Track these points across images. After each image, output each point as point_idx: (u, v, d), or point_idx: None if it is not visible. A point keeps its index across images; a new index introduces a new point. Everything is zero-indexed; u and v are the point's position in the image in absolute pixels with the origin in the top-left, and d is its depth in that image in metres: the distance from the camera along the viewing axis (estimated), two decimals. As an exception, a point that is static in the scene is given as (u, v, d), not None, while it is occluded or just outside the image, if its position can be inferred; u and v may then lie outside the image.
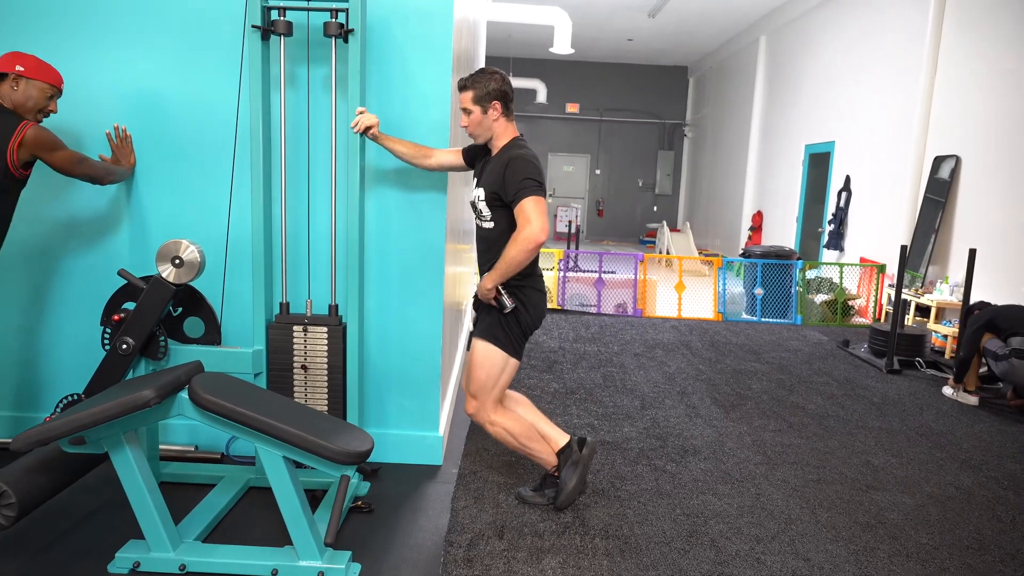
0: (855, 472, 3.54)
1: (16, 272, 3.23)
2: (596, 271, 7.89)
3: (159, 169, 3.17)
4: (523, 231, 2.64)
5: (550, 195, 17.30)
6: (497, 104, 2.75)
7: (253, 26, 2.81)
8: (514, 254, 2.65)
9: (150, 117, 3.13)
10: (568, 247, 10.85)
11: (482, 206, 2.80)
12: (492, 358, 2.82)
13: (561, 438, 3.01)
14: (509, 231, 2.72)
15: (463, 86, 2.76)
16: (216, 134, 3.12)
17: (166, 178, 3.17)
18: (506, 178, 2.68)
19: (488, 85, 2.73)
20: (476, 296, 2.88)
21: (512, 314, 2.79)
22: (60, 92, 2.86)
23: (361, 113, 2.89)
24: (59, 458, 2.46)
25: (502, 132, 2.80)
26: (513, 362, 2.86)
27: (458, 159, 3.00)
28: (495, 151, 2.82)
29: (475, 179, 2.90)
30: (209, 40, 3.06)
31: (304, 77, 3.06)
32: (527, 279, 2.80)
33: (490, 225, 2.82)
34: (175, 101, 3.12)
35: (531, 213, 2.63)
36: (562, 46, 10.49)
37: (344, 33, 2.84)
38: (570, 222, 11.94)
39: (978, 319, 4.81)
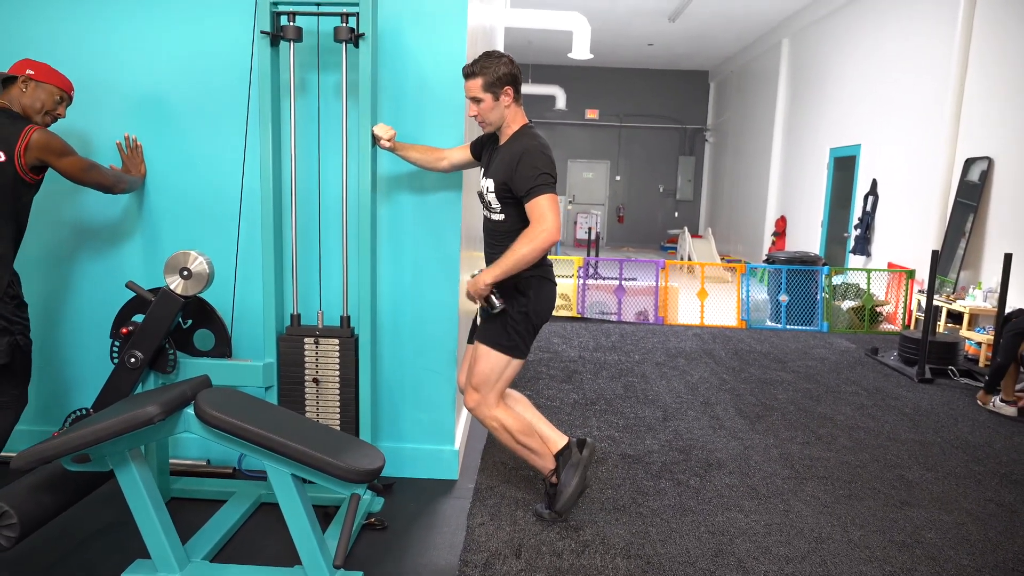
0: (888, 487, 3.39)
1: (29, 283, 3.19)
2: (617, 278, 7.77)
3: (170, 180, 3.12)
4: (536, 229, 2.55)
5: (570, 202, 17.21)
6: (509, 89, 2.64)
7: (262, 32, 2.75)
8: (526, 252, 2.56)
9: (159, 128, 3.08)
10: (588, 254, 10.73)
11: (491, 198, 2.70)
12: (498, 352, 2.74)
13: (560, 439, 2.91)
14: (520, 223, 2.63)
15: (470, 72, 2.62)
16: (226, 143, 3.06)
17: (176, 189, 3.12)
18: (518, 171, 2.58)
19: (498, 70, 2.60)
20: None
21: (521, 310, 2.69)
22: (70, 98, 2.84)
23: (377, 127, 2.85)
24: (63, 476, 2.40)
25: (512, 119, 2.70)
26: (518, 360, 2.78)
27: (467, 155, 2.91)
28: (504, 139, 2.72)
29: (482, 169, 2.80)
30: (218, 47, 3.01)
31: (315, 83, 3.00)
32: (538, 268, 2.70)
33: (500, 217, 2.73)
34: (184, 111, 3.07)
35: (546, 211, 2.55)
36: (581, 52, 10.40)
37: (355, 38, 2.78)
38: (590, 229, 11.82)
39: (1016, 326, 4.63)
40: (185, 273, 2.74)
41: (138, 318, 2.81)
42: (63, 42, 3.04)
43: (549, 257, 2.82)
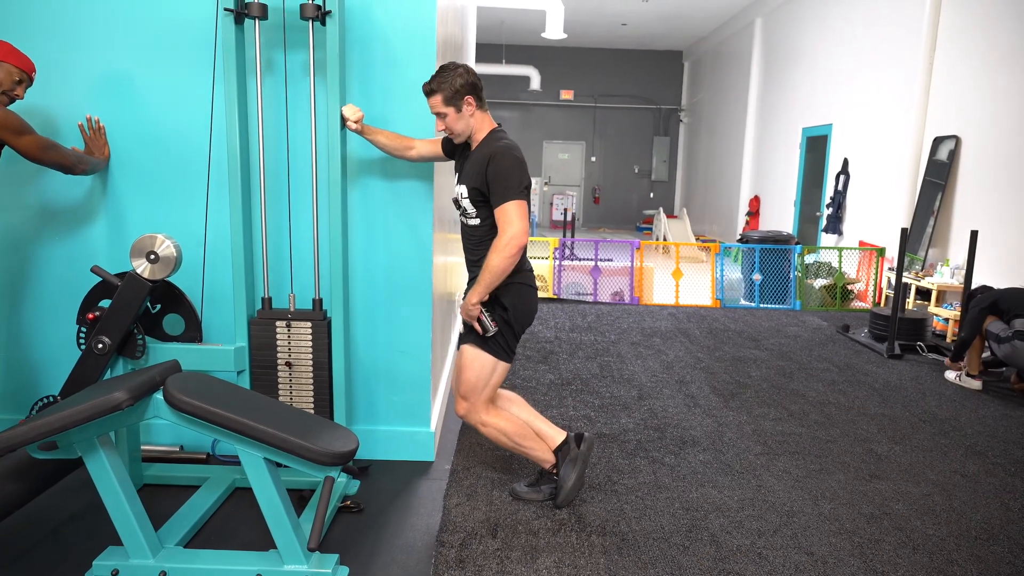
0: (858, 461, 3.45)
1: (-10, 270, 3.13)
2: (592, 259, 7.79)
3: (135, 161, 3.05)
4: (504, 236, 2.55)
5: (545, 183, 17.19)
6: (470, 99, 2.62)
7: (226, 9, 2.69)
8: (497, 262, 2.56)
9: (123, 107, 3.01)
10: (564, 235, 10.75)
11: (466, 204, 2.70)
12: (482, 359, 2.72)
13: (557, 435, 2.92)
14: (496, 226, 2.64)
15: (429, 90, 2.62)
16: (192, 123, 3.00)
17: (142, 170, 3.06)
18: (490, 176, 2.57)
19: (455, 82, 2.59)
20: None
21: (501, 316, 2.69)
22: (30, 79, 2.75)
23: (346, 108, 2.81)
24: (31, 464, 2.36)
25: (480, 125, 2.69)
26: (504, 364, 2.77)
27: (437, 149, 2.89)
28: (475, 144, 2.71)
29: (456, 174, 2.79)
30: (182, 25, 2.94)
31: (281, 62, 2.94)
32: (517, 275, 2.68)
33: (476, 222, 2.72)
34: (149, 90, 3.00)
35: (513, 218, 2.55)
36: (555, 31, 10.35)
37: (322, 15, 2.72)
38: (566, 210, 11.81)
39: (981, 301, 4.72)
40: (152, 257, 2.69)
41: (105, 303, 2.76)
42: (16, 17, 2.95)
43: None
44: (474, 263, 2.77)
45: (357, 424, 3.24)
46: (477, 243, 2.74)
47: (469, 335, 2.75)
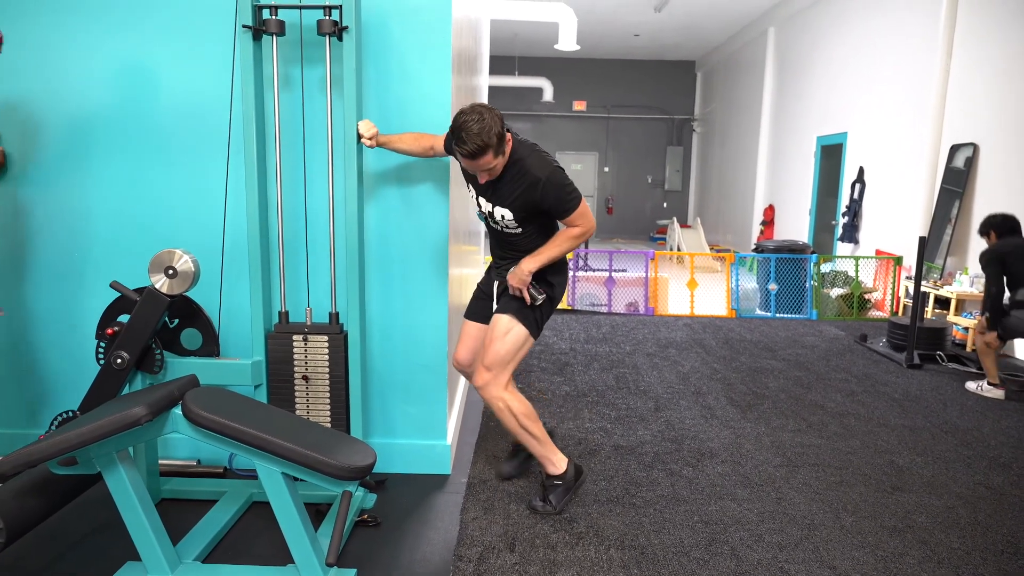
0: (879, 473, 3.40)
1: (8, 282, 3.16)
2: (607, 270, 7.77)
3: (152, 175, 3.08)
4: (578, 229, 2.73)
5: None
6: (508, 136, 2.62)
7: (244, 26, 2.71)
8: (568, 246, 2.75)
9: (141, 120, 3.04)
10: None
11: (509, 222, 2.76)
12: (516, 331, 2.79)
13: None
14: (538, 233, 2.78)
15: (479, 148, 2.46)
16: (209, 138, 3.03)
17: (159, 185, 3.08)
18: (546, 202, 2.66)
19: (495, 129, 2.49)
20: (500, 280, 2.89)
21: (546, 294, 2.81)
22: None
23: (361, 124, 2.83)
24: (51, 479, 2.37)
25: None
26: (532, 340, 2.86)
27: (440, 145, 2.89)
28: None
29: (481, 192, 2.77)
30: (200, 41, 2.97)
31: (298, 78, 2.96)
32: None
33: (517, 231, 2.80)
34: (166, 104, 3.03)
35: (586, 215, 2.74)
36: (568, 43, 10.39)
37: (338, 31, 2.74)
38: (579, 221, 11.80)
39: (992, 253, 4.69)
40: (170, 272, 2.71)
41: (123, 318, 2.78)
42: (36, 32, 2.99)
43: None
44: (507, 258, 2.88)
45: (373, 437, 3.24)
46: (517, 246, 2.83)
47: (510, 303, 2.81)
